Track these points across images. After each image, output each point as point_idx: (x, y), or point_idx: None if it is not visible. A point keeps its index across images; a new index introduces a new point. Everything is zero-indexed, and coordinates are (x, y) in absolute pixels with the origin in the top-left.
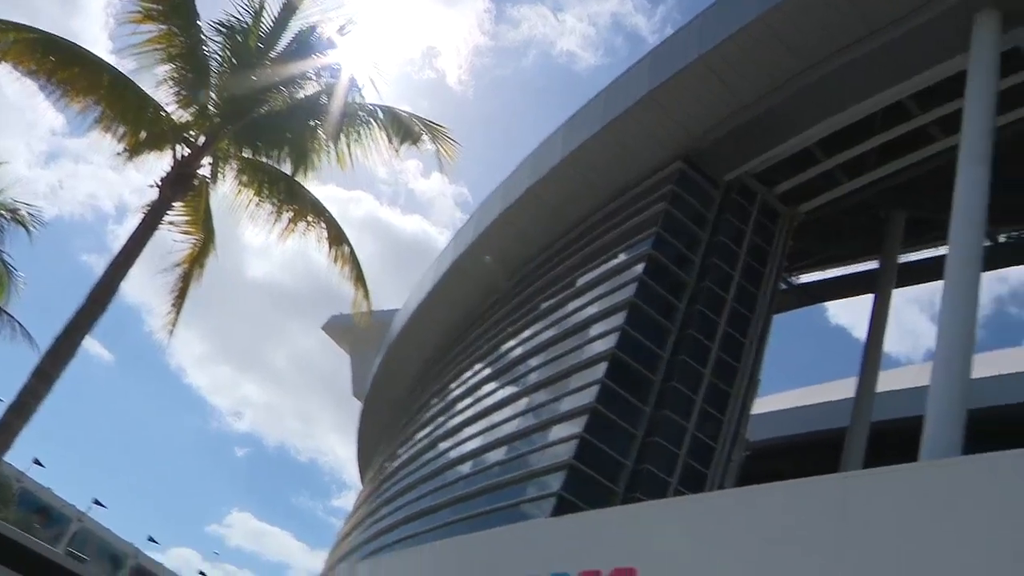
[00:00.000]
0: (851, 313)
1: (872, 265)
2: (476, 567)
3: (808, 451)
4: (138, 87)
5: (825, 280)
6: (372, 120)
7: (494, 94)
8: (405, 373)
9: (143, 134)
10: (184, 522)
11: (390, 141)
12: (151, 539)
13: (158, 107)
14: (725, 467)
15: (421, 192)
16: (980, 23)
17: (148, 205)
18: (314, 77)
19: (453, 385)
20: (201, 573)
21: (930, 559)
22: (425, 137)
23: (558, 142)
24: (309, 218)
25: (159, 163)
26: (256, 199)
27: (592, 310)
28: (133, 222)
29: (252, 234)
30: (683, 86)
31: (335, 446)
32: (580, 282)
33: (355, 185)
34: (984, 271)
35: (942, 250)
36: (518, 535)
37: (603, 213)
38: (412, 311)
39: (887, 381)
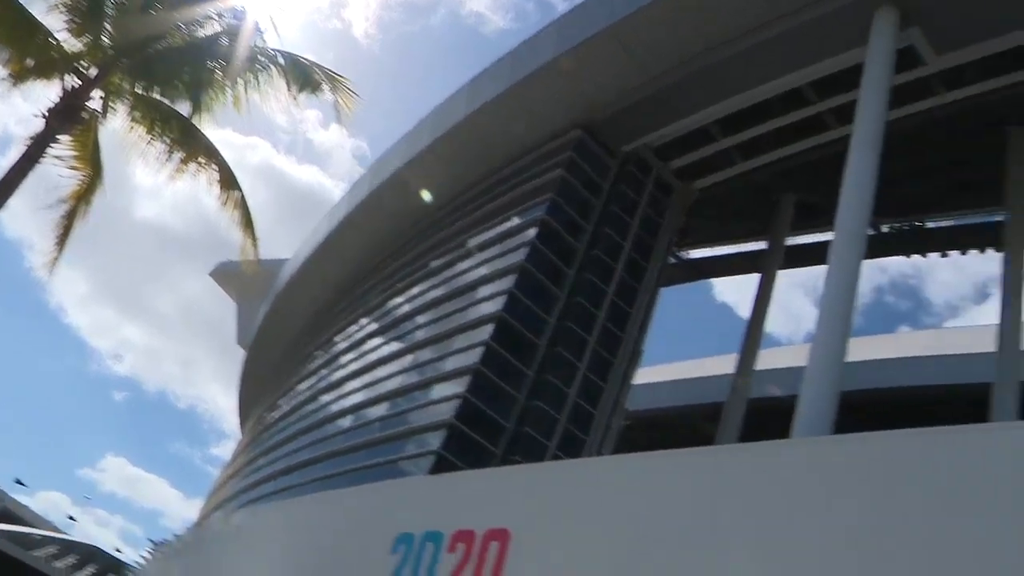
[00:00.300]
0: (737, 291)
1: (761, 246)
2: (351, 522)
3: (686, 423)
4: (27, 10)
5: (714, 257)
6: (272, 65)
7: (400, 50)
8: (291, 324)
9: (30, 61)
10: (56, 465)
11: (289, 88)
12: (19, 482)
13: (48, 33)
14: (604, 434)
15: (319, 143)
16: (879, 19)
17: (33, 136)
18: (216, 17)
19: (339, 339)
20: (70, 518)
21: (795, 532)
22: (325, 87)
23: (462, 101)
24: (201, 160)
25: (47, 93)
26: (148, 137)
27: (482, 271)
28: (16, 153)
29: (143, 173)
30: (589, 54)
31: (216, 394)
32: (472, 243)
33: (253, 131)
34: (866, 259)
35: (828, 236)
36: (394, 492)
37: (500, 176)
38: (301, 262)
39: (767, 359)
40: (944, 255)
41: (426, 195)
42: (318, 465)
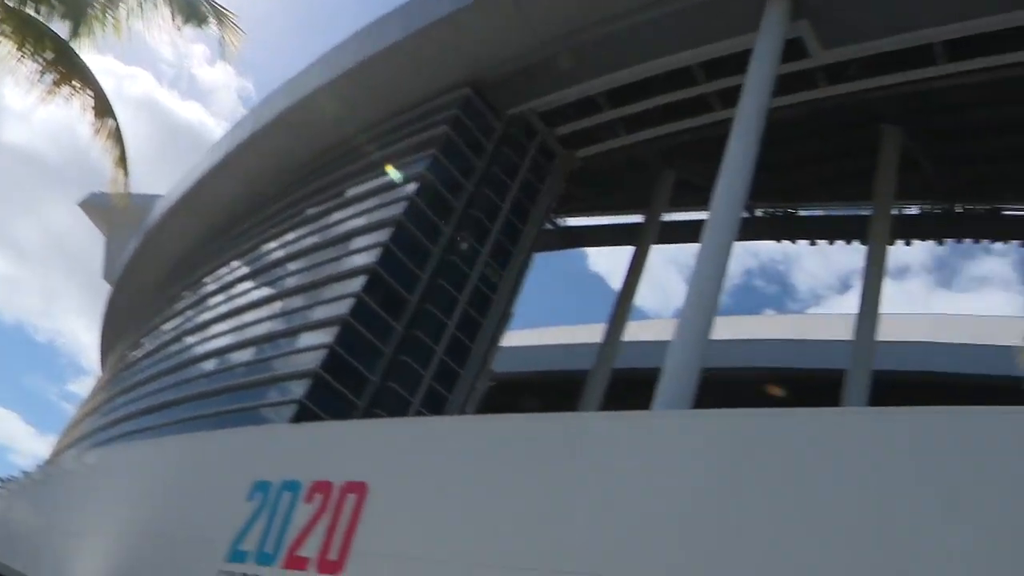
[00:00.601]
0: (610, 262)
1: (637, 219)
2: (208, 466)
3: (550, 388)
4: None
5: (591, 226)
6: None
7: None
8: (160, 262)
9: None
10: None
11: (173, 18)
12: None
13: None
14: (468, 394)
15: (205, 80)
16: (771, 8)
17: None
18: None
19: (208, 280)
20: None
21: (649, 500)
22: (211, 20)
23: (351, 49)
24: (75, 84)
25: None
26: (19, 54)
27: (359, 222)
28: None
29: (12, 94)
30: (484, 12)
31: (77, 329)
32: (351, 193)
33: (136, 61)
34: (738, 241)
35: (703, 215)
36: (254, 438)
37: (384, 128)
38: (175, 200)
39: (634, 332)
40: (813, 243)
41: (309, 143)
42: (179, 407)
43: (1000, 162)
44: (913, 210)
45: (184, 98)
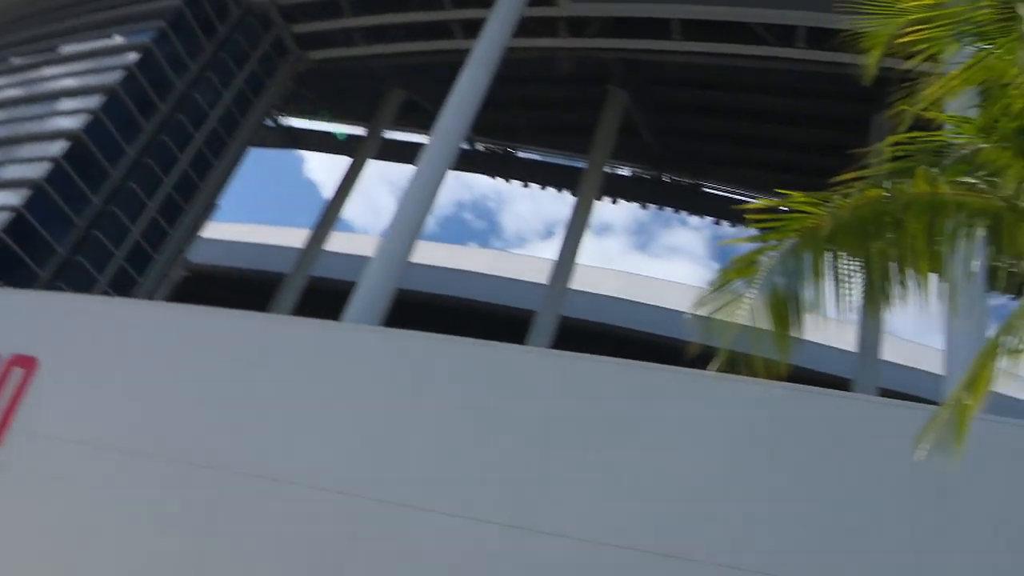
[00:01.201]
0: (325, 170)
1: (359, 132)
2: None
3: (246, 286)
4: None
5: (312, 131)
6: None
7: None
8: None
9: None
10: None
11: None
12: None
13: None
14: (161, 280)
15: None
16: None
17: None
18: None
19: None
20: None
21: (328, 407)
22: None
23: None
24: None
25: None
26: None
27: (69, 83)
28: None
29: None
30: None
31: None
32: (66, 51)
33: None
34: (454, 171)
35: (424, 139)
36: None
37: None
38: None
39: (337, 243)
40: (526, 185)
41: None
42: None
43: (711, 142)
44: (625, 172)
45: None
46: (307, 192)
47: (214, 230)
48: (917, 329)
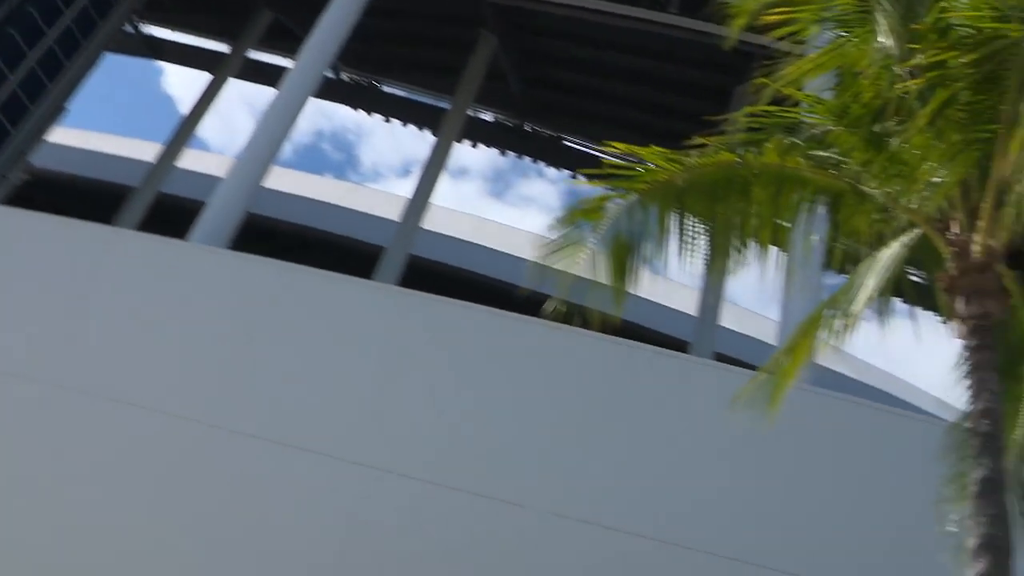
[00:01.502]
0: (184, 85)
1: (223, 48)
2: None
3: (90, 196)
4: None
5: (174, 43)
6: None
7: None
8: None
9: None
10: None
11: None
12: None
13: None
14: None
15: None
16: None
17: None
18: None
19: None
20: None
21: (173, 327)
22: None
23: None
24: None
25: None
26: None
27: None
28: None
29: None
30: None
31: None
32: None
33: None
34: (316, 98)
35: (289, 63)
36: None
37: None
38: None
39: (188, 160)
40: (388, 120)
41: None
42: None
43: (576, 97)
44: (488, 117)
45: None
46: (163, 106)
47: (61, 135)
48: (758, 300)
